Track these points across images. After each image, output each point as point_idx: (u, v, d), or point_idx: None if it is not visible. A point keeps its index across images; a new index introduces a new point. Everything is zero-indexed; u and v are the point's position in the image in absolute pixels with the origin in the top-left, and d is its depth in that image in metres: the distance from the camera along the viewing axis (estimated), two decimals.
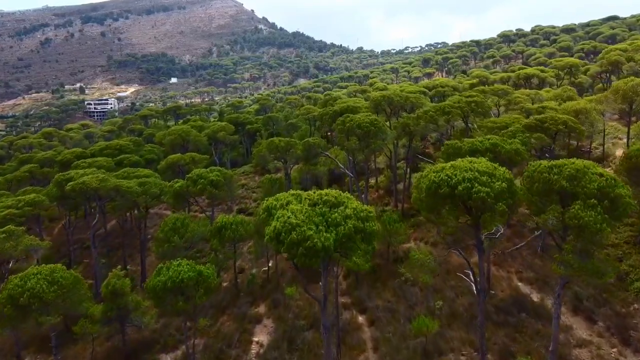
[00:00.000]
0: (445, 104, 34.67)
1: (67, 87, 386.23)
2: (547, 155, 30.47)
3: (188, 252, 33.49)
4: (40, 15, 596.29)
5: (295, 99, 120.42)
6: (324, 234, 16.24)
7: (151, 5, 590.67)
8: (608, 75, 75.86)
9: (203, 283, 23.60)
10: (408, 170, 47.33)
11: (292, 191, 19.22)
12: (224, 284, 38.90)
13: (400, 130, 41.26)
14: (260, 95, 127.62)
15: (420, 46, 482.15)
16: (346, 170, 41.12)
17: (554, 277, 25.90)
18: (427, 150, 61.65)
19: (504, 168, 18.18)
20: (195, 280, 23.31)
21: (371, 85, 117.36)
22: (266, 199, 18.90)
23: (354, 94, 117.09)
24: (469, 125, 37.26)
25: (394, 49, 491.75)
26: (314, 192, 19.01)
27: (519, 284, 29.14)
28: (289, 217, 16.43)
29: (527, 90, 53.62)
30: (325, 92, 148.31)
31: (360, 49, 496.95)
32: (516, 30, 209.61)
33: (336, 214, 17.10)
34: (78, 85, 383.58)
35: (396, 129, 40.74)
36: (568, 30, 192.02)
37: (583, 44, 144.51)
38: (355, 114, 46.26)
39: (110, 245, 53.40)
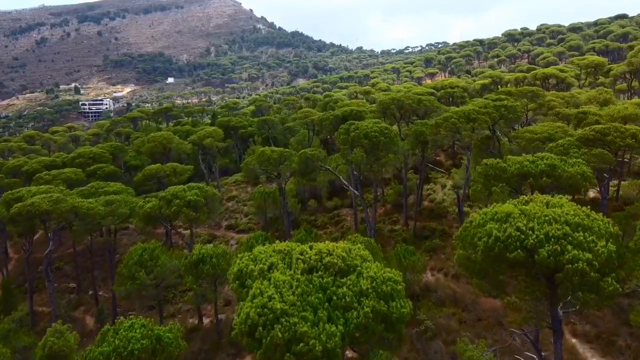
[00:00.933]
0: (470, 109, 28.65)
1: (62, 87, 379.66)
2: (605, 175, 24.51)
3: (158, 291, 27.29)
4: (36, 14, 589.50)
5: (294, 99, 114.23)
6: (327, 326, 10.07)
7: (148, 5, 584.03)
8: (632, 76, 70.03)
9: (162, 353, 17.48)
10: (420, 182, 41.18)
11: (278, 245, 13.05)
12: (205, 324, 32.77)
13: (413, 139, 35.15)
14: (256, 96, 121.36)
15: (421, 46, 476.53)
16: (350, 187, 35.02)
17: None
18: (437, 158, 55.52)
19: (602, 216, 11.90)
20: (150, 350, 17.21)
21: (373, 85, 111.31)
22: (239, 256, 12.75)
23: (355, 95, 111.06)
24: (496, 134, 31.22)
25: (394, 49, 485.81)
26: (310, 249, 12.79)
27: None
28: (270, 299, 10.26)
29: (562, 92, 47.40)
30: (325, 93, 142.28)
31: (359, 49, 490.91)
32: (521, 29, 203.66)
33: (345, 289, 10.92)
34: (73, 85, 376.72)
35: (408, 138, 34.61)
36: (575, 29, 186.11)
37: (594, 42, 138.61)
38: (360, 120, 40.17)
39: (81, 267, 47.16)
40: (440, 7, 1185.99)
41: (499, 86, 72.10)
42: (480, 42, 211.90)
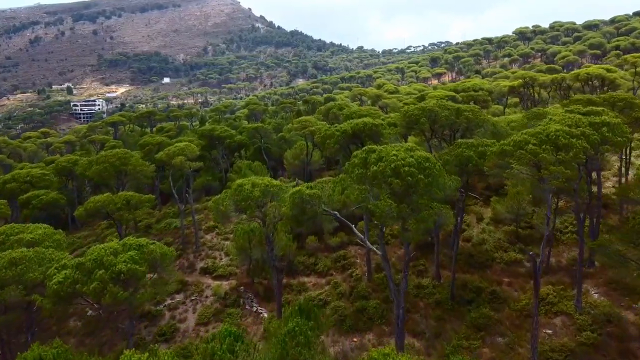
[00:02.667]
0: (558, 131, 17.98)
1: (54, 87, 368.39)
2: None
3: None
4: (31, 13, 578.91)
5: (291, 102, 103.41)
6: None
7: (145, 3, 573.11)
8: None
9: None
10: (458, 223, 30.40)
11: None
12: None
13: (454, 168, 24.46)
14: (250, 99, 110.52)
15: (424, 45, 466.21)
16: (371, 246, 24.07)
17: None
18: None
19: None
20: None
21: (379, 87, 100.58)
22: None
23: (358, 97, 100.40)
24: (592, 168, 20.49)
25: (395, 49, 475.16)
26: None
27: None
28: None
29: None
30: (326, 95, 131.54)
31: (360, 48, 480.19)
32: (533, 26, 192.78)
33: None
34: (65, 85, 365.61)
35: (448, 165, 23.87)
36: (591, 26, 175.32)
37: (617, 40, 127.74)
38: (376, 137, 29.33)
39: None
40: (439, 7, 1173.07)
41: (531, 88, 61.33)
42: (489, 40, 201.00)
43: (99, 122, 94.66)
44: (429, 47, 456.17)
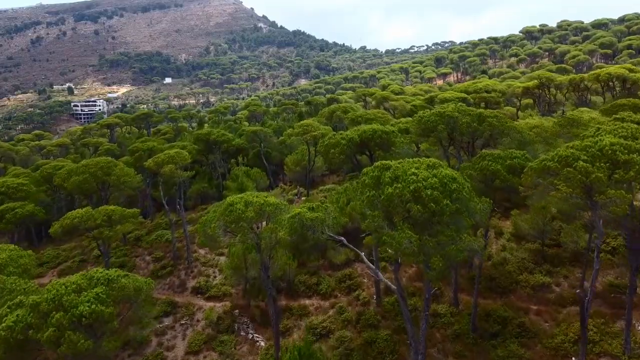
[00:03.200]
0: (614, 144, 14.62)
1: (55, 87, 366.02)
2: None
3: None
4: (33, 12, 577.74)
5: (293, 103, 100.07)
6: None
7: (147, 3, 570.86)
8: None
9: None
10: (486, 240, 26.82)
11: None
12: None
13: (478, 181, 21.03)
14: (251, 100, 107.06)
15: (427, 45, 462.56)
16: (385, 279, 20.40)
17: None
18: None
19: None
20: None
21: (384, 88, 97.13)
22: None
23: (362, 97, 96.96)
24: None
25: (398, 48, 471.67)
26: None
27: None
28: None
29: None
30: (329, 96, 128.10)
31: (363, 48, 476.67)
32: (540, 25, 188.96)
33: None
34: (66, 85, 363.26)
35: (471, 181, 20.39)
36: (599, 25, 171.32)
37: (630, 39, 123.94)
38: (387, 146, 25.89)
39: None
40: (439, 7, 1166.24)
41: (547, 89, 57.76)
42: (495, 39, 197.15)
43: (94, 124, 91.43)
44: (433, 47, 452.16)
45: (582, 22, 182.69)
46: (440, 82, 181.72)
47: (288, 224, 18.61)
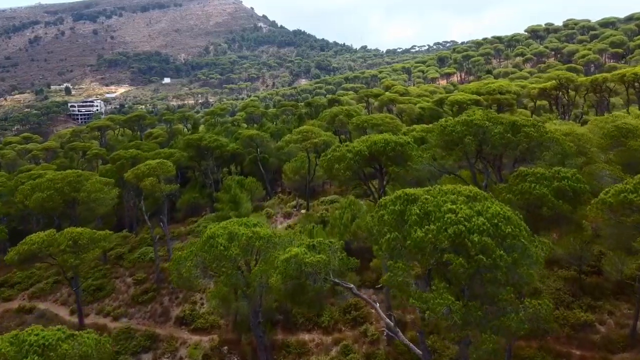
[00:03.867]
0: None
1: (53, 87, 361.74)
2: None
3: None
4: (31, 12, 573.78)
5: (293, 105, 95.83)
6: None
7: (146, 2, 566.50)
8: None
9: None
10: None
11: None
12: None
13: (517, 207, 16.77)
14: (248, 101, 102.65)
15: (428, 45, 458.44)
16: (408, 342, 15.75)
17: None
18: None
19: None
20: None
21: (388, 88, 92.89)
22: None
23: (365, 98, 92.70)
24: None
25: (399, 48, 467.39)
26: None
27: None
28: None
29: None
30: (330, 97, 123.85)
31: (364, 48, 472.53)
32: (546, 24, 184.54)
33: None
34: (64, 85, 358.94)
35: (510, 207, 16.03)
36: (607, 24, 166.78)
37: None
38: (403, 160, 21.61)
39: None
40: (439, 7, 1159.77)
41: (566, 91, 53.48)
42: (499, 39, 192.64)
43: (84, 126, 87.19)
44: (434, 47, 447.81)
45: (589, 21, 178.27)
46: (443, 82, 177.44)
47: (282, 267, 14.44)
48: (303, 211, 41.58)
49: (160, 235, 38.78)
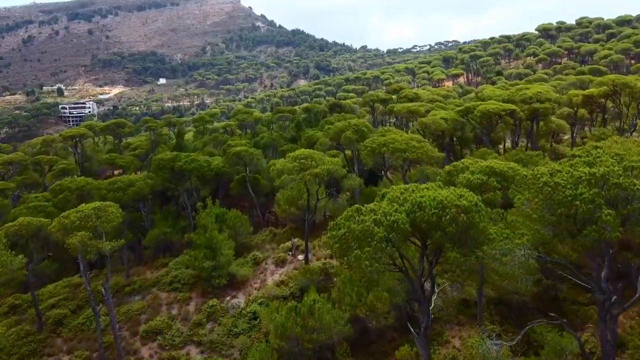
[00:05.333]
0: None
1: (45, 88, 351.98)
2: None
3: None
4: (26, 12, 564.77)
5: (290, 110, 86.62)
6: None
7: (143, 2, 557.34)
8: None
9: None
10: None
11: None
12: None
13: None
14: (246, 102, 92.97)
15: (430, 44, 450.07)
16: None
17: None
18: None
19: None
20: None
21: (396, 92, 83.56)
22: None
23: (371, 103, 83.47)
24: None
25: (400, 48, 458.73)
26: None
27: None
28: None
29: None
30: (331, 100, 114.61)
31: (364, 48, 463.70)
32: (557, 23, 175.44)
33: None
34: (56, 86, 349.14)
35: None
36: (622, 22, 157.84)
37: None
38: (467, 234, 12.26)
39: None
40: (438, 7, 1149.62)
41: (619, 99, 44.24)
42: (508, 38, 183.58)
43: (56, 135, 77.84)
44: (436, 47, 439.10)
45: (602, 19, 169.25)
46: (449, 83, 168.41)
47: None
48: (300, 257, 32.29)
49: (119, 287, 29.55)
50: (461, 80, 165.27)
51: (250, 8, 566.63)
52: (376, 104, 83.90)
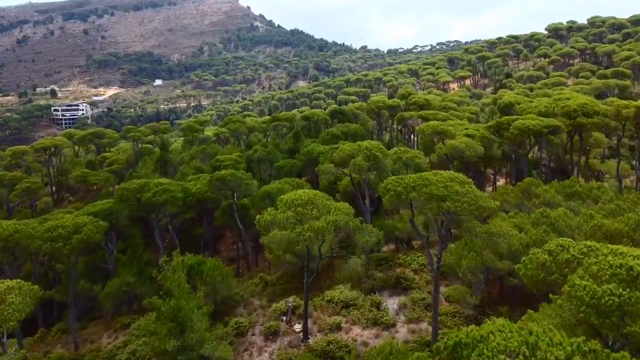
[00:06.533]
0: None
1: (38, 90, 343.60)
2: None
3: None
4: (21, 11, 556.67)
5: (288, 117, 78.91)
6: None
7: (139, 1, 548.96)
8: None
9: None
10: None
11: None
12: None
13: None
14: (231, 116, 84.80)
15: (431, 45, 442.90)
16: None
17: None
18: None
19: None
20: None
21: (404, 97, 76.02)
22: None
23: (377, 110, 76.02)
24: None
25: (401, 48, 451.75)
26: None
27: None
28: None
29: None
30: (331, 105, 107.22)
31: (364, 48, 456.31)
32: (568, 22, 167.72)
33: None
34: (49, 88, 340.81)
35: None
36: (637, 22, 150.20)
37: None
38: None
39: None
40: (437, 7, 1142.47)
41: None
42: (516, 38, 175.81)
43: (28, 147, 70.03)
44: (437, 47, 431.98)
45: (615, 18, 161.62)
46: (454, 85, 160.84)
47: None
48: (297, 327, 24.53)
49: None
50: (468, 82, 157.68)
51: (249, 8, 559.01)
52: (382, 110, 76.44)
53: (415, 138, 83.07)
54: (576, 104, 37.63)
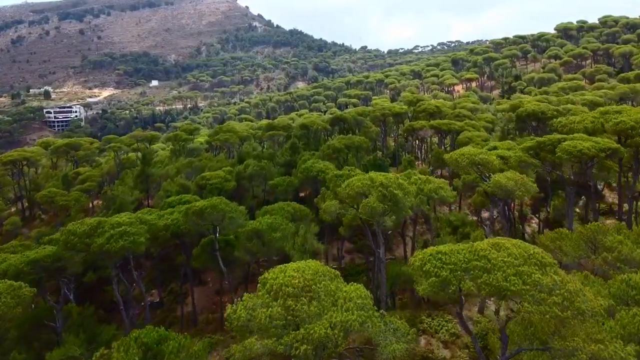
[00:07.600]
0: None
1: (32, 91, 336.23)
2: None
3: None
4: (17, 11, 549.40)
5: (284, 126, 71.95)
6: None
7: (136, 1, 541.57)
8: None
9: None
10: None
11: None
12: None
13: None
14: (219, 127, 77.29)
15: (432, 45, 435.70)
16: None
17: None
18: None
19: None
20: None
21: (413, 103, 69.21)
22: None
23: (382, 118, 69.27)
24: None
25: (402, 48, 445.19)
26: None
27: None
28: None
29: None
30: (332, 111, 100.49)
31: (364, 49, 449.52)
32: (578, 22, 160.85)
33: None
34: (43, 89, 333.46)
35: None
36: None
37: None
38: None
39: None
40: (437, 7, 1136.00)
41: None
42: (523, 38, 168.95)
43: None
44: (438, 47, 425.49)
45: (627, 17, 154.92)
46: (459, 87, 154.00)
47: None
48: None
49: None
50: (473, 84, 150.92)
51: (247, 7, 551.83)
52: (389, 117, 69.65)
53: (423, 145, 76.37)
54: (632, 119, 30.69)
